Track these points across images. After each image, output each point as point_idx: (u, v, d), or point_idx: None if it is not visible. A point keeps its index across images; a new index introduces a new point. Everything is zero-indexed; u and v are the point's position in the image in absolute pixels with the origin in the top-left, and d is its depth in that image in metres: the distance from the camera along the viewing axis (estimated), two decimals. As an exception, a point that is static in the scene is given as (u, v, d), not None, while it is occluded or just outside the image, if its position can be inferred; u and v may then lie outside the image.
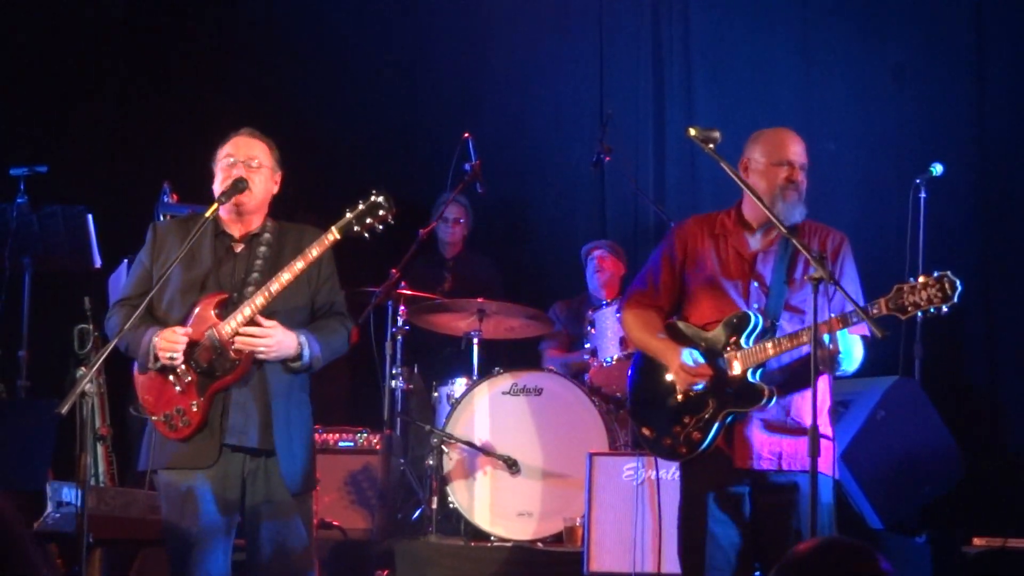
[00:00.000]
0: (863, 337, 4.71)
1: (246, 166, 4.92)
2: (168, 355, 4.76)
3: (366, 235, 4.81)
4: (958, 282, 4.25)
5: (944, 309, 4.30)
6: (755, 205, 4.72)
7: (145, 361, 4.85)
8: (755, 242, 4.83)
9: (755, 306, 4.74)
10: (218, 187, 4.95)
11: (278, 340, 4.77)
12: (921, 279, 4.30)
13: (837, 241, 4.82)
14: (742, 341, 4.67)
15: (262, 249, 4.94)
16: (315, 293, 4.96)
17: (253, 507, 4.85)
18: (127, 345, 4.86)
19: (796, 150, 4.82)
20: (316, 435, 6.05)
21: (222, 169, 4.95)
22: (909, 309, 4.31)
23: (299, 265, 4.76)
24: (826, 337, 4.42)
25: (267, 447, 4.81)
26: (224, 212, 4.96)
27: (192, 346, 4.79)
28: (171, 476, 4.87)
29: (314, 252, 4.77)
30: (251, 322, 4.75)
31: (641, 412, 5.00)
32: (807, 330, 4.47)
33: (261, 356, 4.76)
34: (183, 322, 4.83)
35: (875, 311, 4.38)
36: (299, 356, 4.82)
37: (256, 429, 4.80)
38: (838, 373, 4.50)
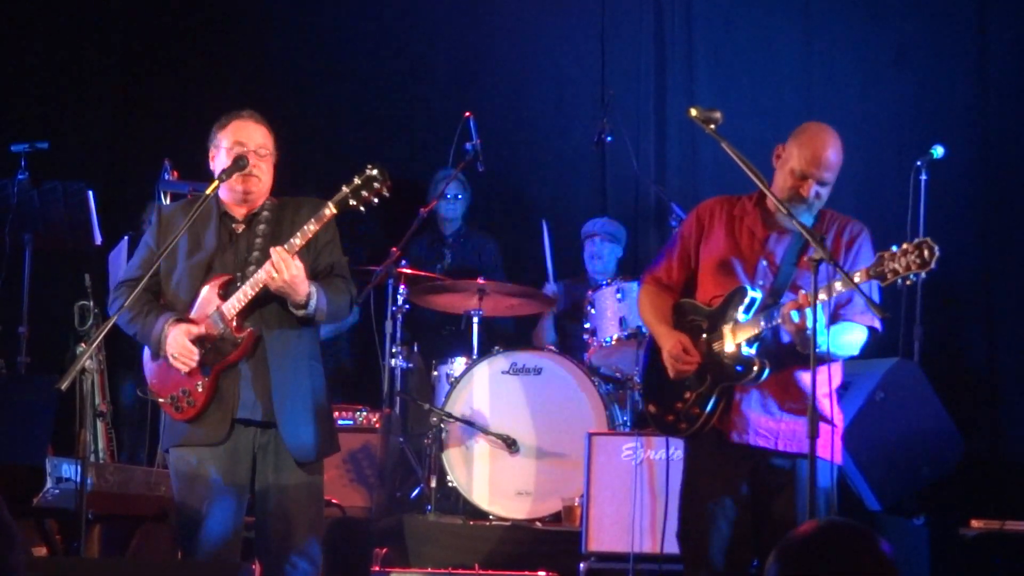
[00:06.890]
0: (871, 329, 4.68)
1: (256, 155, 4.92)
2: (182, 367, 4.81)
3: (362, 209, 4.79)
4: (936, 248, 4.17)
5: (923, 275, 4.25)
6: (775, 189, 4.72)
7: (156, 350, 4.91)
8: (771, 223, 4.82)
9: (760, 283, 4.73)
10: (219, 168, 4.96)
11: (300, 278, 4.73)
12: (903, 246, 4.23)
13: (855, 231, 4.79)
14: (739, 315, 4.67)
15: (261, 227, 4.96)
16: (315, 258, 4.93)
17: (263, 481, 4.88)
18: (137, 331, 4.94)
19: (822, 166, 4.72)
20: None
21: (232, 157, 4.90)
22: (888, 276, 4.24)
23: (297, 242, 4.75)
24: (794, 314, 4.41)
25: (274, 419, 4.82)
26: (228, 196, 4.97)
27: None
28: (182, 453, 4.91)
29: (312, 228, 4.76)
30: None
31: (649, 389, 5.03)
32: (789, 304, 4.47)
33: (277, 282, 4.70)
34: (190, 305, 4.88)
35: (857, 279, 4.36)
36: (306, 304, 4.78)
37: (265, 402, 4.82)
38: (816, 352, 4.39)
